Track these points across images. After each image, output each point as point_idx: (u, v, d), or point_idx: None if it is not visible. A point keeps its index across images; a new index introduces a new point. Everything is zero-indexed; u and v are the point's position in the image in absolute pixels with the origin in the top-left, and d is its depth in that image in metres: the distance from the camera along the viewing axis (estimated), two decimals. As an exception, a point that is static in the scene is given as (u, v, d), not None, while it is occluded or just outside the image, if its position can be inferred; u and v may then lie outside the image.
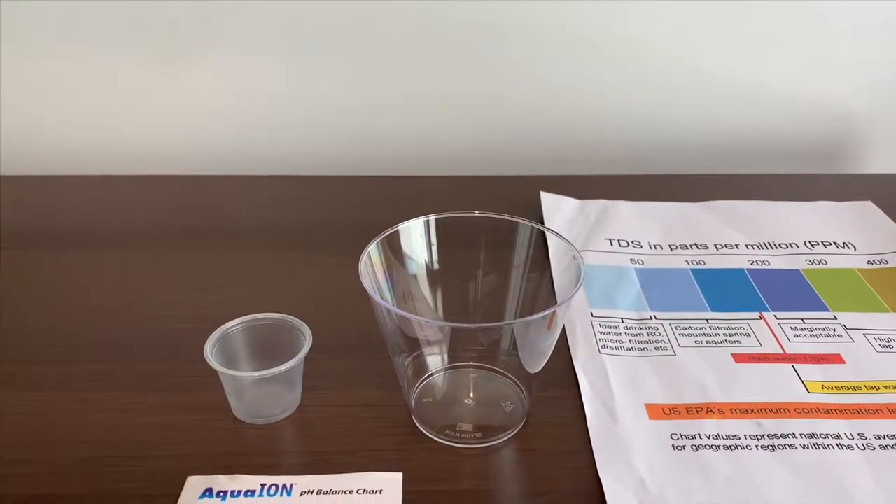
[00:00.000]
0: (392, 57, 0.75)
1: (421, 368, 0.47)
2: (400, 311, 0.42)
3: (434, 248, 0.48)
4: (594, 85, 0.77)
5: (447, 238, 0.48)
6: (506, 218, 0.48)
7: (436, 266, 0.49)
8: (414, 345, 0.45)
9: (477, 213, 0.48)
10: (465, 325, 0.42)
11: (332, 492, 0.40)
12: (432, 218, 0.48)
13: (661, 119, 0.79)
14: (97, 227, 0.67)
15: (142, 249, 0.63)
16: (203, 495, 0.40)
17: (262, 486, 0.41)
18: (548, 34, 0.74)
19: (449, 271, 0.49)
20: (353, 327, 0.52)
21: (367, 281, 0.42)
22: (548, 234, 0.47)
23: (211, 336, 0.45)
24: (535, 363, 0.44)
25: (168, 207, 0.70)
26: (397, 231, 0.46)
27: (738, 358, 0.51)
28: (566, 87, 0.77)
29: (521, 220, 0.48)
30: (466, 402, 0.48)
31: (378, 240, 0.45)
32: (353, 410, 0.46)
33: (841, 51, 0.76)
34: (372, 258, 0.44)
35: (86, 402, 0.47)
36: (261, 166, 0.78)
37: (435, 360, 0.48)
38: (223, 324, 0.47)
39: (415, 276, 0.48)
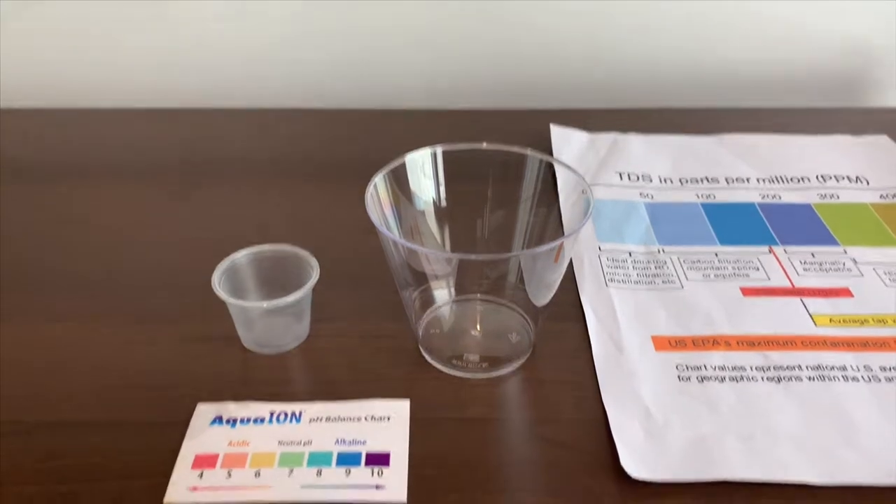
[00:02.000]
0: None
1: (428, 301, 0.47)
2: (407, 243, 0.41)
3: (441, 181, 0.48)
4: (607, 17, 0.75)
5: (454, 170, 0.48)
6: (514, 150, 0.47)
7: (443, 199, 0.48)
8: (421, 278, 0.45)
9: (485, 146, 0.47)
10: (472, 256, 0.42)
11: (340, 419, 0.41)
12: (439, 149, 0.47)
13: (674, 52, 0.77)
14: (103, 161, 0.67)
15: (147, 182, 0.63)
16: (213, 422, 0.41)
17: (272, 413, 0.41)
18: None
19: (456, 205, 0.49)
20: (361, 260, 0.52)
21: (373, 213, 0.42)
22: (556, 167, 0.47)
23: (219, 266, 0.45)
24: (542, 296, 0.44)
25: (174, 141, 0.70)
26: (404, 163, 0.46)
27: (746, 291, 0.51)
28: (578, 19, 0.75)
29: (529, 153, 0.47)
30: (473, 333, 0.48)
31: (384, 171, 0.45)
32: (361, 341, 0.47)
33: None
34: (378, 190, 0.44)
35: (94, 333, 0.47)
36: (267, 99, 0.77)
37: (442, 293, 0.48)
38: (230, 254, 0.47)
39: (422, 210, 0.48)
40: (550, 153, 0.65)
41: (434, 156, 0.47)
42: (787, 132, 0.68)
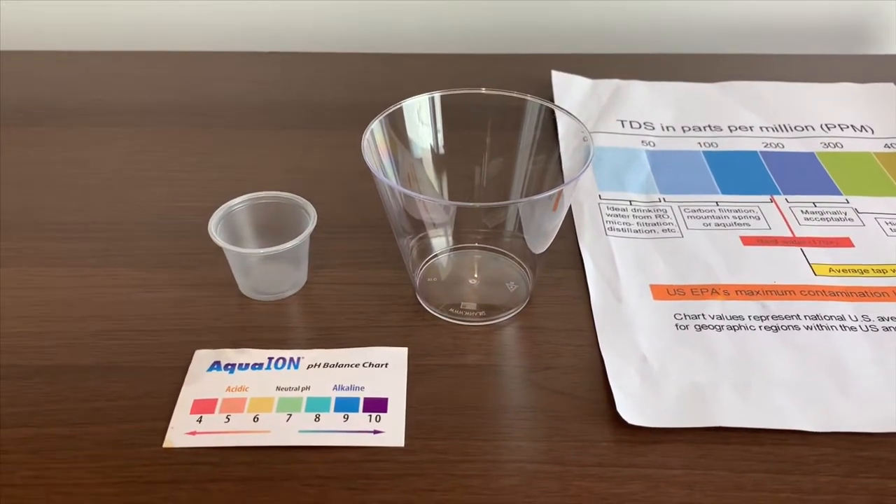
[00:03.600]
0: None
1: (426, 249, 0.47)
2: (404, 190, 0.41)
3: (439, 127, 0.47)
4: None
5: (453, 117, 0.47)
6: (514, 95, 0.46)
7: (441, 146, 0.48)
8: (419, 226, 0.45)
9: (484, 91, 0.47)
10: (469, 204, 0.42)
11: (338, 365, 0.41)
12: (437, 95, 0.46)
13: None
14: (97, 105, 0.66)
15: (142, 127, 0.62)
16: (211, 368, 0.41)
17: (270, 359, 0.41)
18: None
19: (454, 152, 0.48)
20: (358, 207, 0.51)
21: (370, 159, 0.41)
22: (557, 113, 0.46)
23: (215, 213, 0.45)
24: (540, 244, 0.44)
25: (168, 84, 0.69)
26: (401, 108, 0.45)
27: (747, 240, 0.50)
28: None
29: (529, 98, 0.46)
30: (471, 282, 0.48)
31: (381, 117, 0.44)
32: (359, 288, 0.47)
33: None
34: (375, 136, 0.44)
35: (93, 278, 0.47)
36: (262, 42, 0.75)
37: (440, 242, 0.47)
38: (224, 200, 0.46)
39: (419, 158, 0.48)
40: (552, 99, 0.64)
41: (432, 101, 0.46)
42: (792, 79, 0.67)
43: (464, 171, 0.48)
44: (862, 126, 0.61)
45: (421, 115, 0.46)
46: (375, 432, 0.38)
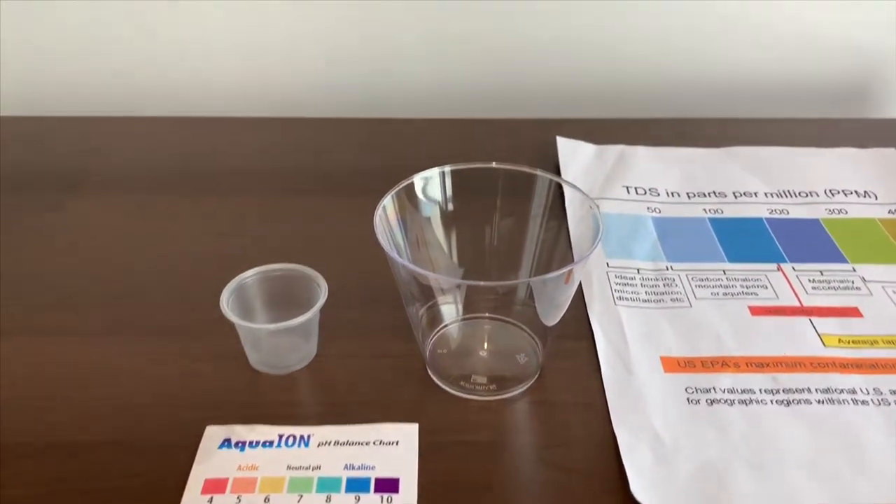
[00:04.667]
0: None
1: (435, 319, 0.47)
2: (416, 269, 0.41)
3: (449, 198, 0.48)
4: (611, 25, 0.75)
5: (463, 187, 0.48)
6: (524, 170, 0.47)
7: (451, 215, 0.48)
8: (428, 295, 0.45)
9: (494, 165, 0.47)
10: (480, 283, 0.42)
11: (349, 443, 0.41)
12: (448, 169, 0.47)
13: (678, 60, 0.77)
14: (102, 170, 0.66)
15: (151, 194, 0.63)
16: (222, 445, 0.41)
17: (280, 436, 0.41)
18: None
19: (465, 220, 0.49)
20: (368, 275, 0.51)
21: (382, 236, 0.42)
22: (564, 186, 0.47)
23: (227, 287, 0.45)
24: (552, 316, 0.44)
25: (175, 150, 0.69)
26: (412, 182, 0.46)
27: (755, 310, 0.50)
28: (583, 26, 0.75)
29: (538, 172, 0.47)
30: (481, 353, 0.48)
31: (393, 192, 0.45)
32: (369, 361, 0.47)
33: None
34: (387, 211, 0.44)
35: (102, 349, 0.47)
36: (270, 107, 0.76)
37: (449, 311, 0.48)
38: (237, 270, 0.47)
39: (430, 225, 0.48)
40: (557, 165, 0.65)
41: (443, 175, 0.47)
42: (795, 143, 0.68)
43: (474, 237, 0.49)
44: (866, 192, 0.62)
45: (431, 188, 0.47)
46: (387, 513, 0.37)
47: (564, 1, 0.73)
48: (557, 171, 0.65)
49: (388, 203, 0.44)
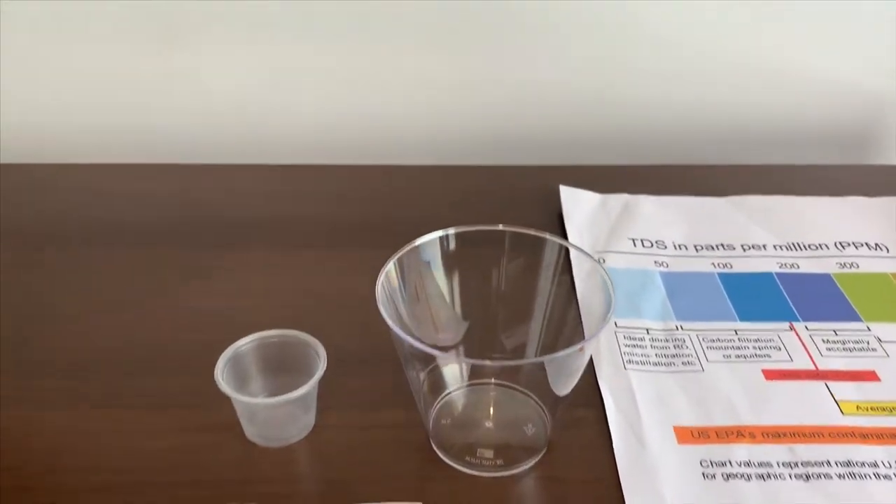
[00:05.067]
0: (400, 42, 0.72)
1: (438, 384, 0.45)
2: (423, 346, 0.39)
3: (453, 260, 0.46)
4: (613, 69, 0.74)
5: (467, 248, 0.46)
6: (531, 233, 0.45)
7: (455, 277, 0.47)
8: (430, 359, 0.43)
9: (501, 227, 0.46)
10: (485, 363, 0.41)
11: (349, 527, 0.39)
12: (451, 232, 0.45)
13: (681, 105, 0.76)
14: (94, 222, 0.64)
15: (141, 247, 0.61)
16: (216, 529, 0.39)
17: (277, 519, 0.39)
18: (567, 15, 0.71)
19: (469, 281, 0.47)
20: (368, 336, 0.49)
21: (384, 306, 0.40)
22: (572, 252, 0.45)
23: (221, 356, 0.43)
24: (564, 385, 0.42)
25: (168, 199, 0.67)
26: (415, 247, 0.44)
27: (769, 374, 0.49)
28: (584, 70, 0.74)
29: (547, 237, 0.45)
30: (486, 424, 0.46)
31: (394, 259, 0.43)
32: (370, 433, 0.45)
33: (871, 28, 0.72)
34: (389, 278, 0.42)
35: (94, 422, 0.45)
36: (264, 156, 0.75)
37: (453, 376, 0.46)
38: (230, 334, 0.45)
39: (433, 285, 0.46)
40: (560, 214, 0.63)
41: (446, 239, 0.45)
42: (801, 190, 0.67)
43: (479, 300, 0.47)
44: (876, 244, 0.61)
45: (434, 251, 0.45)
46: None
47: (565, 44, 0.72)
48: (560, 221, 0.63)
49: (390, 269, 0.42)
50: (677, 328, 0.53)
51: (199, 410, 0.46)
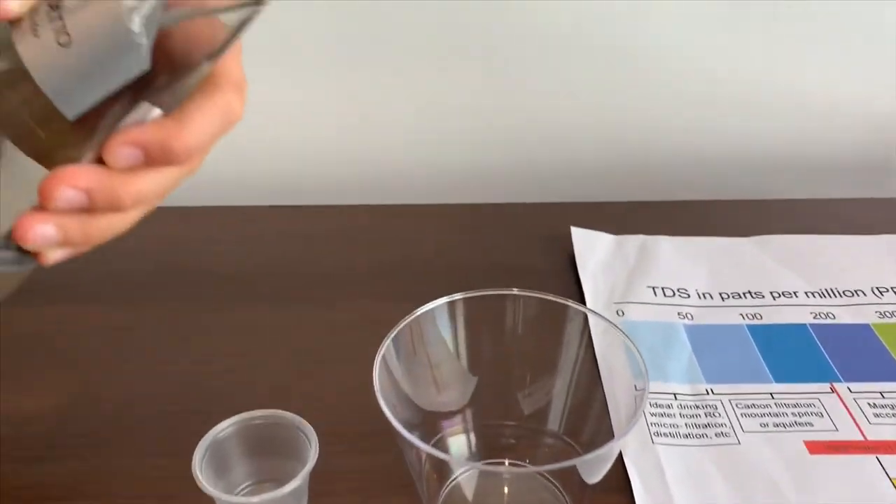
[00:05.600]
0: (393, 70, 0.67)
1: (443, 469, 0.40)
2: (432, 450, 0.34)
3: (459, 323, 0.41)
4: (625, 100, 0.69)
5: (475, 312, 0.41)
6: (549, 299, 0.40)
7: (462, 337, 0.42)
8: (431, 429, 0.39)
9: (515, 292, 0.41)
10: (500, 469, 0.35)
11: None
12: (458, 299, 0.40)
13: (697, 136, 0.71)
14: (68, 276, 0.59)
15: (118, 304, 0.55)
16: None
17: None
18: (578, 40, 0.66)
19: (478, 341, 0.42)
20: (363, 406, 0.44)
21: (384, 400, 0.35)
22: (591, 319, 0.40)
23: (199, 445, 0.38)
24: (596, 470, 0.37)
25: (149, 247, 0.62)
26: (417, 318, 0.39)
27: (813, 447, 0.44)
28: (595, 100, 0.69)
29: (570, 304, 0.40)
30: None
31: (392, 334, 0.38)
32: (369, 526, 0.40)
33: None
34: (388, 361, 0.37)
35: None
36: (254, 196, 0.69)
37: (459, 454, 0.41)
38: (207, 404, 0.40)
39: (437, 346, 0.41)
40: (572, 256, 0.59)
41: (452, 306, 0.40)
42: (829, 228, 0.62)
43: (490, 365, 0.42)
44: (917, 289, 0.56)
45: (439, 321, 0.40)
46: None
47: (574, 71, 0.67)
48: (572, 264, 0.58)
49: (387, 350, 0.37)
50: (707, 392, 0.48)
51: (182, 498, 0.40)
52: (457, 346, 0.41)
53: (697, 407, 0.46)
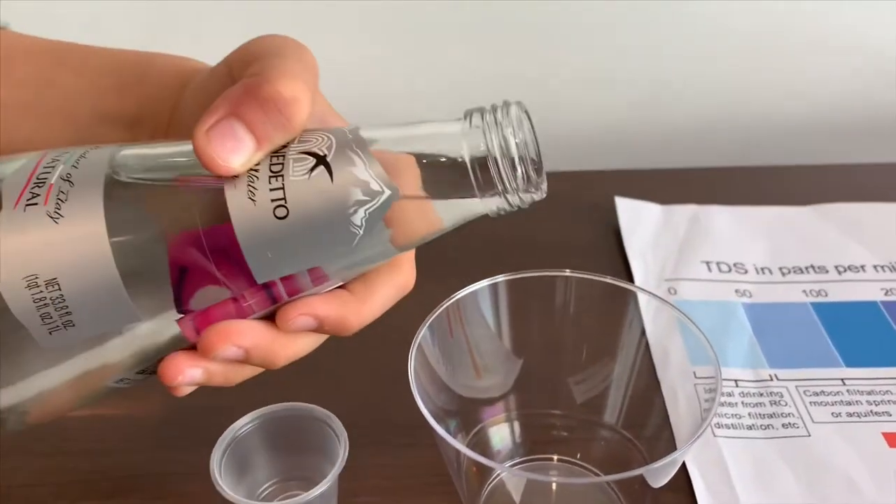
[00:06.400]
0: (422, 34, 0.62)
1: (485, 467, 0.36)
2: (472, 454, 0.30)
3: (503, 310, 0.37)
4: (670, 59, 0.64)
5: (519, 295, 0.37)
6: (599, 279, 0.36)
7: (506, 324, 0.38)
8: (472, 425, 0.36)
9: (568, 273, 0.37)
10: (546, 479, 0.32)
11: None
12: (501, 281, 0.36)
13: (747, 97, 0.66)
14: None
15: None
16: None
17: None
18: (618, 2, 0.61)
19: (522, 324, 0.38)
20: (396, 397, 0.41)
21: (422, 400, 0.31)
22: (641, 302, 0.36)
23: (218, 443, 0.35)
24: (662, 473, 0.33)
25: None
26: (456, 301, 0.35)
27: (892, 439, 0.40)
28: (638, 60, 0.64)
29: (621, 283, 0.36)
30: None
31: (430, 320, 0.34)
32: (404, 528, 0.36)
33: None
34: (423, 348, 0.33)
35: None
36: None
37: (502, 444, 0.38)
38: (231, 405, 0.36)
39: (477, 326, 0.38)
40: (617, 229, 0.54)
41: (494, 289, 0.36)
42: (894, 194, 0.57)
43: (538, 364, 0.39)
44: None
45: (481, 304, 0.36)
46: None
47: (615, 30, 0.63)
48: (618, 238, 0.54)
49: (423, 338, 0.34)
50: (771, 378, 0.43)
51: (197, 499, 0.37)
52: (500, 329, 0.37)
53: (761, 395, 0.42)
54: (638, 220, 0.55)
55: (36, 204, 0.24)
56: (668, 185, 0.59)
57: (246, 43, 0.29)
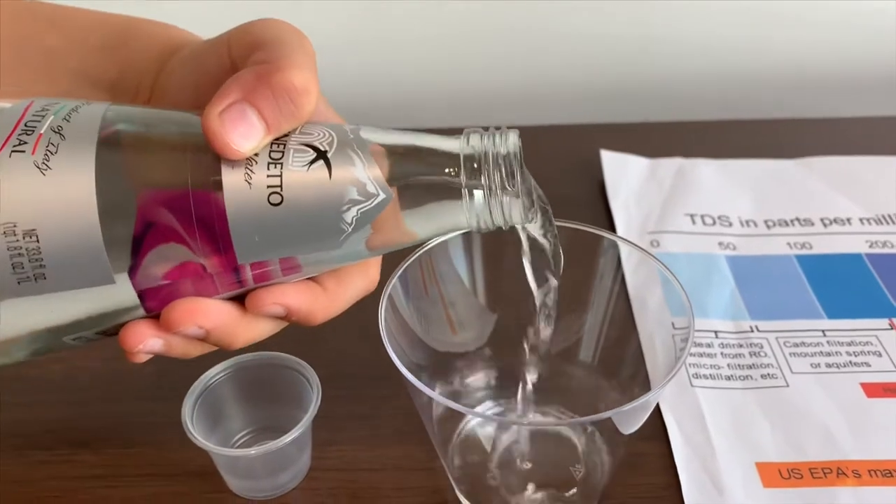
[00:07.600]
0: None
1: (457, 413, 0.36)
2: (447, 402, 0.30)
3: (477, 261, 0.37)
4: (657, 10, 0.63)
5: (493, 241, 0.37)
6: (576, 227, 0.36)
7: (480, 277, 0.38)
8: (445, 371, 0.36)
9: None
10: (524, 423, 0.32)
11: None
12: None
13: (735, 50, 0.65)
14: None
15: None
16: None
17: None
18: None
19: (496, 274, 0.38)
20: (369, 349, 0.40)
21: (391, 345, 0.31)
22: (623, 252, 0.36)
23: (190, 392, 0.35)
24: (633, 419, 0.33)
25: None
26: (428, 251, 0.35)
27: (870, 389, 0.40)
28: (624, 12, 0.63)
29: (600, 232, 0.36)
30: (522, 465, 0.37)
31: (399, 271, 0.34)
32: (377, 477, 0.36)
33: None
34: (395, 300, 0.33)
35: (45, 467, 0.37)
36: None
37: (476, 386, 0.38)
38: (206, 359, 0.36)
39: (451, 281, 0.37)
40: (602, 183, 0.54)
41: (468, 238, 0.36)
42: (883, 148, 0.56)
43: (514, 316, 0.38)
44: (984, 214, 0.50)
45: (452, 256, 0.36)
46: None
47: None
48: (602, 192, 0.53)
49: (394, 289, 0.33)
50: (752, 329, 0.43)
51: (171, 452, 0.37)
52: (473, 281, 0.37)
53: (741, 346, 0.42)
54: (623, 173, 0.54)
55: (23, 151, 0.24)
56: (654, 139, 0.58)
57: (246, 24, 0.29)
